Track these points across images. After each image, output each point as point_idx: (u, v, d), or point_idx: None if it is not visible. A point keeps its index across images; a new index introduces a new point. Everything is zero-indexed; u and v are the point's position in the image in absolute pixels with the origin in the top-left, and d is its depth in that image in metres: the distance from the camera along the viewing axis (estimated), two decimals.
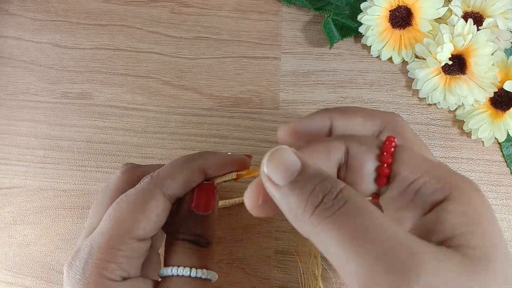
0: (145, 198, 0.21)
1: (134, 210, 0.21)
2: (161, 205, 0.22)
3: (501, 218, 0.31)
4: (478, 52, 0.30)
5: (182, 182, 0.22)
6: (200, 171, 0.23)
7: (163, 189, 0.22)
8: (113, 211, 0.21)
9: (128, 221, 0.21)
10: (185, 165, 0.23)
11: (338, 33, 0.33)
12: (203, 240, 0.23)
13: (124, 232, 0.21)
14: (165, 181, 0.22)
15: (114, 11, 0.35)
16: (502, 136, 0.30)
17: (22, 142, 0.33)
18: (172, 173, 0.22)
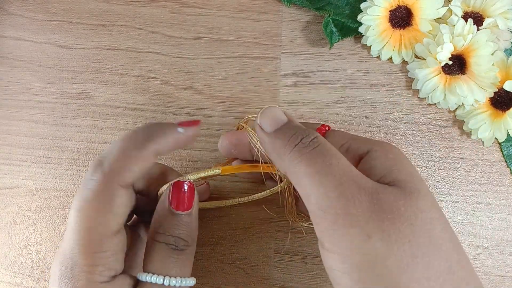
0: (106, 198, 0.20)
1: (101, 213, 0.20)
2: (124, 197, 0.21)
3: (501, 218, 0.31)
4: (478, 52, 0.30)
5: (138, 172, 0.21)
6: (154, 156, 0.22)
7: (121, 183, 0.21)
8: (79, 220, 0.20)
9: (99, 224, 0.20)
10: (137, 153, 0.21)
11: (338, 33, 0.33)
12: (182, 241, 0.22)
13: (100, 235, 0.20)
14: (121, 175, 0.21)
15: (114, 11, 0.35)
16: (502, 136, 0.30)
17: (22, 142, 0.33)
18: (126, 165, 0.21)
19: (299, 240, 0.31)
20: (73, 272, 0.20)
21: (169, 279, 0.21)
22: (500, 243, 0.31)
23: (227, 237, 0.31)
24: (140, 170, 0.21)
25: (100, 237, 0.20)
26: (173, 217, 0.22)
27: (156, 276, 0.21)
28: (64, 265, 0.20)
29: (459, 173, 0.32)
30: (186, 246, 0.22)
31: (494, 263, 0.30)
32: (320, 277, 0.30)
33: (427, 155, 0.32)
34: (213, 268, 0.31)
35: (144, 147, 0.21)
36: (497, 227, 0.31)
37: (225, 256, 0.31)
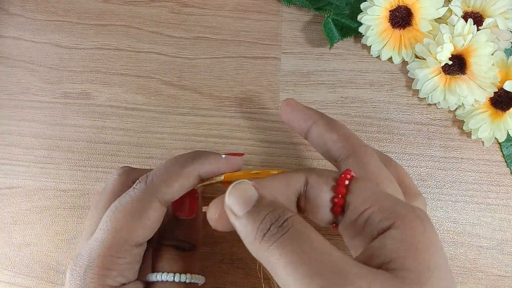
0: (141, 207, 0.21)
1: (132, 220, 0.21)
2: (158, 213, 0.22)
3: (501, 218, 0.31)
4: (478, 52, 0.30)
5: (178, 189, 0.22)
6: (196, 177, 0.23)
7: (159, 197, 0.21)
8: (109, 221, 0.21)
9: (126, 231, 0.21)
10: (180, 171, 0.22)
11: (338, 33, 0.33)
12: (187, 245, 0.23)
13: (123, 241, 0.21)
14: (161, 188, 0.22)
15: (114, 11, 0.35)
16: (502, 136, 0.30)
17: (22, 142, 0.33)
18: (168, 179, 0.22)
19: None
20: (86, 273, 0.20)
21: (179, 275, 0.22)
22: (500, 243, 0.31)
23: (227, 237, 0.31)
24: (180, 188, 0.22)
25: (124, 243, 0.21)
26: (178, 222, 0.23)
27: (166, 274, 0.22)
28: (79, 265, 0.20)
29: (459, 173, 0.32)
30: (192, 248, 0.23)
31: (494, 263, 0.30)
32: None
33: (427, 155, 0.32)
34: (213, 268, 0.31)
35: (187, 166, 0.22)
36: (497, 227, 0.31)
37: (225, 256, 0.31)
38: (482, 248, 0.31)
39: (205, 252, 0.31)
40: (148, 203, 0.21)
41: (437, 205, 0.31)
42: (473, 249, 0.31)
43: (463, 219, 0.31)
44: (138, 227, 0.21)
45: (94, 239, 0.21)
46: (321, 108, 0.33)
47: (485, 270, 0.30)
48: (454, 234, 0.31)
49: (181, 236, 0.23)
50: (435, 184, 0.31)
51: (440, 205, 0.31)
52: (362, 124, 0.32)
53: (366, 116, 0.33)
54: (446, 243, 0.31)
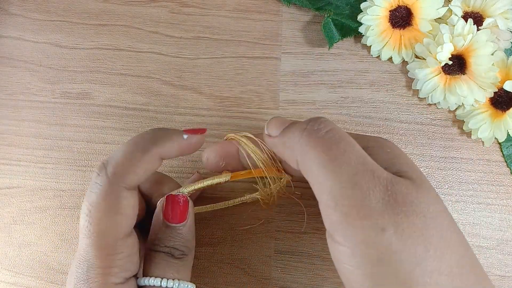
0: (113, 201, 0.20)
1: (111, 217, 0.20)
2: (130, 199, 0.21)
3: (501, 218, 0.31)
4: (478, 52, 0.30)
5: (143, 174, 0.21)
6: (158, 160, 0.22)
7: (126, 186, 0.21)
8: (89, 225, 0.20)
9: (111, 229, 0.20)
10: (142, 156, 0.21)
11: (338, 33, 0.33)
12: (177, 251, 0.23)
13: (113, 239, 0.20)
14: (126, 177, 0.21)
15: (114, 11, 0.35)
16: (502, 136, 0.30)
17: (22, 142, 0.33)
18: (131, 168, 0.21)
19: (299, 240, 0.31)
20: (88, 274, 0.20)
21: (167, 280, 0.21)
22: (500, 243, 0.31)
23: (227, 237, 0.31)
24: (144, 173, 0.22)
25: (112, 239, 0.20)
26: (168, 229, 0.23)
27: (154, 278, 0.21)
28: (80, 268, 0.20)
29: (459, 173, 0.32)
30: (182, 255, 0.23)
31: (494, 263, 0.30)
32: (320, 277, 0.30)
33: (427, 155, 0.32)
34: (213, 268, 0.31)
35: (148, 150, 0.21)
36: (497, 227, 0.31)
37: (225, 256, 0.31)
38: (482, 248, 0.31)
39: (205, 252, 0.31)
40: (118, 196, 0.21)
41: None
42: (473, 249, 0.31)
43: (463, 219, 0.31)
44: (120, 220, 0.21)
45: (85, 244, 0.21)
46: (321, 108, 0.33)
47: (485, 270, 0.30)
48: None
49: (172, 242, 0.23)
50: (435, 184, 0.31)
51: None
52: (362, 124, 0.32)
53: (366, 116, 0.33)
54: None
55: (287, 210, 0.31)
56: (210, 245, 0.31)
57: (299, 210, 0.31)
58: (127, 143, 0.22)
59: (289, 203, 0.31)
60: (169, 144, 0.22)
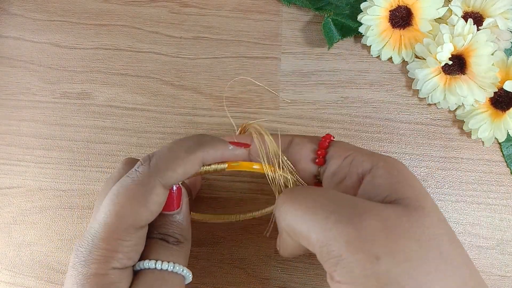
0: (145, 191, 0.21)
1: (136, 205, 0.21)
2: (160, 197, 0.22)
3: (501, 218, 0.31)
4: (478, 52, 0.30)
5: (182, 174, 0.22)
6: (200, 163, 0.23)
7: (162, 181, 0.21)
8: (112, 204, 0.21)
9: (131, 215, 0.21)
10: (185, 156, 0.22)
11: (338, 33, 0.33)
12: (171, 238, 0.23)
13: (128, 225, 0.21)
14: (164, 173, 0.21)
15: (114, 11, 0.35)
16: (502, 136, 0.30)
17: (22, 142, 0.33)
18: (172, 164, 0.22)
19: None
20: (90, 255, 0.20)
21: (161, 262, 0.21)
22: (500, 243, 0.31)
23: (227, 237, 0.31)
24: (183, 173, 0.22)
25: (128, 226, 0.20)
26: (162, 216, 0.23)
27: (149, 261, 0.21)
28: (83, 247, 0.20)
29: (459, 173, 0.32)
30: (177, 243, 0.23)
31: (494, 263, 0.30)
32: (320, 277, 0.30)
33: (427, 155, 0.32)
34: (213, 268, 0.31)
35: (193, 152, 0.22)
36: (497, 227, 0.31)
37: (225, 256, 0.31)
38: (482, 248, 0.31)
39: (205, 252, 0.31)
40: (152, 188, 0.21)
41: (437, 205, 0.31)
42: (473, 249, 0.31)
43: (463, 219, 0.31)
44: (143, 211, 0.21)
45: (98, 222, 0.21)
46: (321, 108, 0.33)
47: (485, 270, 0.30)
48: None
49: (165, 230, 0.23)
50: (435, 184, 0.31)
51: (440, 205, 0.31)
52: (362, 124, 0.32)
53: (366, 116, 0.33)
54: None
55: None
56: (210, 245, 0.31)
57: None
58: (174, 142, 0.23)
59: None
60: (213, 150, 0.23)
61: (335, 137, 0.32)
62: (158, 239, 0.22)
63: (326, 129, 0.32)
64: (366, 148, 0.32)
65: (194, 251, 0.31)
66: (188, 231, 0.24)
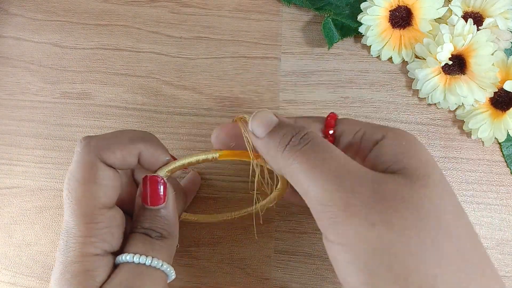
0: (89, 170, 0.21)
1: (86, 185, 0.21)
2: (106, 171, 0.22)
3: (501, 218, 0.31)
4: (478, 52, 0.30)
5: (120, 157, 0.22)
6: (136, 156, 0.23)
7: (102, 159, 0.22)
8: (68, 192, 0.21)
9: (88, 197, 0.21)
10: (126, 143, 0.22)
11: (338, 33, 0.33)
12: (154, 233, 0.22)
13: (90, 206, 0.21)
14: (104, 152, 0.22)
15: (114, 11, 0.35)
16: (502, 136, 0.30)
17: (22, 142, 0.33)
18: (112, 146, 0.22)
19: (299, 240, 0.31)
20: (68, 243, 0.21)
21: (139, 256, 0.21)
22: (500, 243, 0.31)
23: (227, 237, 0.31)
24: (121, 158, 0.22)
25: (90, 207, 0.21)
26: (146, 211, 0.23)
27: (127, 254, 0.21)
28: (62, 238, 0.21)
29: (459, 173, 0.32)
30: (160, 237, 0.23)
31: (494, 263, 0.30)
32: (320, 277, 0.30)
33: None
34: (213, 268, 0.31)
35: (134, 142, 0.23)
36: (497, 227, 0.31)
37: (225, 256, 0.31)
38: None
39: (205, 252, 0.31)
40: (93, 165, 0.21)
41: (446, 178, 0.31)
42: None
43: None
44: (96, 189, 0.21)
45: (66, 214, 0.21)
46: (321, 108, 0.33)
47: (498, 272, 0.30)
48: None
49: (149, 224, 0.23)
50: None
51: None
52: None
53: (366, 116, 0.33)
54: None
55: (287, 210, 0.31)
56: (210, 245, 0.31)
57: (299, 210, 0.31)
58: (121, 130, 0.24)
59: (289, 203, 0.31)
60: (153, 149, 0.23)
61: None
62: (141, 234, 0.22)
63: None
64: None
65: (194, 251, 0.31)
66: (175, 226, 0.24)
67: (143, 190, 0.23)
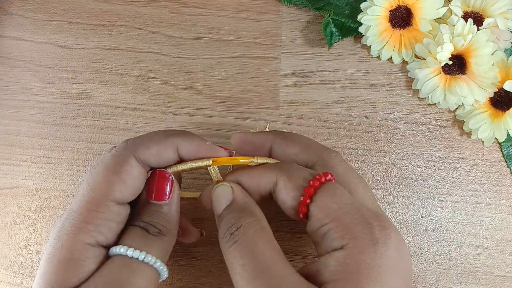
0: (119, 161, 0.22)
1: (109, 174, 0.21)
2: (135, 169, 0.22)
3: (501, 218, 0.31)
4: (478, 52, 0.30)
5: (155, 153, 0.22)
6: (174, 149, 0.23)
7: (136, 155, 0.22)
8: (90, 176, 0.22)
9: (104, 183, 0.21)
10: (161, 139, 0.23)
11: (338, 33, 0.33)
12: (153, 228, 0.22)
13: (102, 196, 0.21)
14: (138, 148, 0.22)
15: (114, 11, 0.35)
16: (502, 136, 0.30)
17: (22, 142, 0.33)
18: (147, 142, 0.23)
19: (299, 240, 0.31)
20: (64, 225, 0.21)
21: (133, 250, 0.21)
22: (500, 243, 0.31)
23: None
24: (157, 153, 0.22)
25: (102, 198, 0.21)
26: (149, 205, 0.23)
27: (121, 246, 0.21)
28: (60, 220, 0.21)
29: (459, 173, 0.32)
30: (157, 234, 0.22)
31: (494, 263, 0.30)
32: None
33: (427, 155, 0.32)
34: (213, 268, 0.31)
35: (169, 136, 0.23)
36: (497, 227, 0.31)
37: None
38: (482, 248, 0.31)
39: (205, 252, 0.31)
40: (125, 159, 0.22)
41: (437, 205, 0.31)
42: (473, 249, 0.31)
43: (463, 219, 0.31)
44: (116, 181, 0.21)
45: (77, 195, 0.22)
46: (321, 108, 0.33)
47: (485, 270, 0.30)
48: (454, 234, 0.31)
49: (149, 218, 0.22)
50: (435, 184, 0.31)
51: (440, 205, 0.31)
52: (362, 124, 0.32)
53: (366, 116, 0.33)
54: (446, 243, 0.31)
55: None
56: (210, 245, 0.31)
57: None
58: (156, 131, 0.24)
59: None
60: (189, 141, 0.23)
61: (335, 137, 0.32)
62: (139, 227, 0.22)
63: (326, 129, 0.32)
64: (366, 148, 0.32)
65: (194, 251, 0.31)
66: (175, 225, 0.23)
67: (149, 184, 0.23)
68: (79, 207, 0.21)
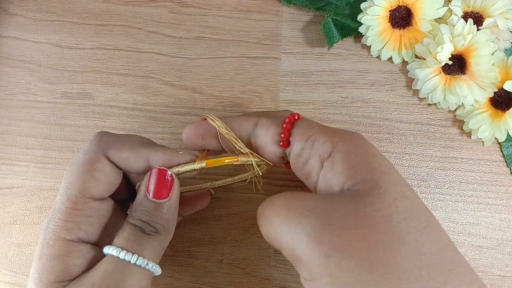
0: (90, 159, 0.22)
1: (82, 171, 0.22)
2: (107, 168, 0.23)
3: (501, 218, 0.31)
4: (478, 52, 0.30)
5: (125, 158, 0.23)
6: (146, 159, 0.23)
7: (107, 154, 0.23)
8: (66, 174, 0.22)
9: (78, 181, 0.22)
10: (135, 146, 0.23)
11: (338, 33, 0.33)
12: (149, 227, 0.22)
13: (78, 192, 0.22)
14: (111, 148, 0.23)
15: (114, 11, 0.35)
16: (502, 136, 0.30)
17: (22, 142, 0.33)
18: (120, 145, 0.23)
19: None
20: (48, 224, 0.21)
21: (125, 253, 0.21)
22: (500, 243, 0.31)
23: (227, 237, 0.31)
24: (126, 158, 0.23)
25: (78, 195, 0.22)
26: (147, 203, 0.23)
27: (113, 248, 0.21)
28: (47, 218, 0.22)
29: (459, 173, 0.32)
30: (153, 233, 0.22)
31: (494, 263, 0.30)
32: None
33: (427, 155, 0.32)
34: (213, 268, 0.31)
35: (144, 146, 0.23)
36: (497, 227, 0.31)
37: (225, 256, 0.31)
38: (482, 248, 0.31)
39: (205, 252, 0.31)
40: (96, 156, 0.22)
41: (437, 205, 0.31)
42: (473, 249, 0.31)
43: (463, 219, 0.31)
44: (89, 178, 0.22)
45: (58, 194, 0.22)
46: (321, 108, 0.33)
47: (485, 270, 0.30)
48: (454, 234, 0.31)
49: (147, 217, 0.22)
50: (435, 184, 0.31)
51: (440, 205, 0.31)
52: (362, 124, 0.32)
53: (366, 116, 0.33)
54: None
55: None
56: (210, 245, 0.31)
57: None
58: (132, 135, 0.25)
59: None
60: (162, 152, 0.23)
61: None
62: (135, 226, 0.22)
63: None
64: None
65: (194, 251, 0.31)
66: (172, 223, 0.23)
67: (148, 181, 0.23)
68: (59, 206, 0.22)
